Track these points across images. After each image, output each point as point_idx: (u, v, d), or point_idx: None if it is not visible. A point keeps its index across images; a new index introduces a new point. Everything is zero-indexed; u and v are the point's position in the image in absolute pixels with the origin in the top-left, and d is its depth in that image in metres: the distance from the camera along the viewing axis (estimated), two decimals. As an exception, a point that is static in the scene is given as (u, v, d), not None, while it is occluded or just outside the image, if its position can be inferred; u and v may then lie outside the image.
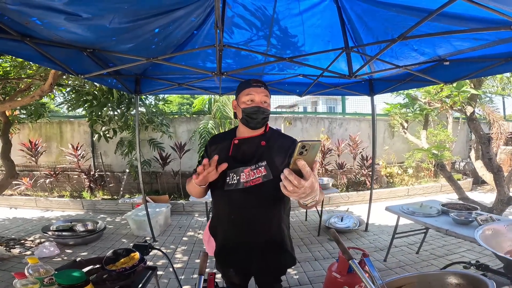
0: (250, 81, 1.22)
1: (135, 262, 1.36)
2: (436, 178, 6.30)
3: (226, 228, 1.27)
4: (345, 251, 1.05)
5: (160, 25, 1.88)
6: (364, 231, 3.76)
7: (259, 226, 1.22)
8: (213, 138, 1.37)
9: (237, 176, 1.19)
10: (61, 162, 5.65)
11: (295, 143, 1.23)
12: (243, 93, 1.21)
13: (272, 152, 1.20)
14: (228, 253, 1.28)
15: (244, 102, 1.20)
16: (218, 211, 1.33)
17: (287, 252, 1.28)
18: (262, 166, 1.17)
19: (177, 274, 1.38)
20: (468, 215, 2.21)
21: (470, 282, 0.80)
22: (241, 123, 1.26)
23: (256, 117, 1.19)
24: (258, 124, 1.21)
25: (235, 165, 1.20)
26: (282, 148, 1.22)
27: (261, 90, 1.20)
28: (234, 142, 1.26)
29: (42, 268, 1.12)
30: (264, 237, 1.23)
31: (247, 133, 1.26)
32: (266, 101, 1.21)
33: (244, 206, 1.20)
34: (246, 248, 1.24)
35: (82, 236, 3.43)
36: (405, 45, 2.27)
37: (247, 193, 1.18)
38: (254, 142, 1.25)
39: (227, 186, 1.20)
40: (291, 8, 2.02)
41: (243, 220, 1.21)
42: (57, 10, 1.31)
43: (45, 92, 2.69)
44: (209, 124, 5.49)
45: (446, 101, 4.12)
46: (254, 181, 1.17)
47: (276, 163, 1.19)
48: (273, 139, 1.26)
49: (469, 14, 1.58)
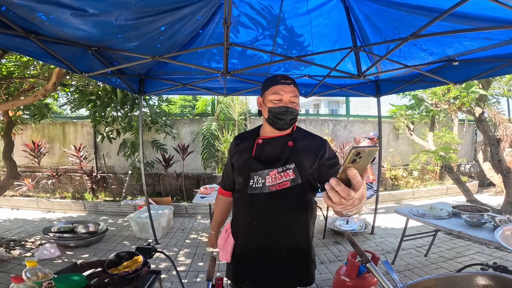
0: (277, 77, 1.12)
1: (139, 265, 1.31)
2: (441, 180, 6.23)
3: (246, 234, 1.17)
4: (361, 254, 1.00)
5: (166, 23, 1.85)
6: (370, 234, 3.70)
7: (284, 233, 1.13)
8: (237, 137, 1.29)
9: (262, 179, 1.10)
10: (63, 163, 5.63)
11: (324, 145, 1.14)
12: (270, 91, 1.11)
13: (300, 154, 1.11)
14: (246, 262, 1.18)
15: (271, 100, 1.10)
16: (238, 215, 1.23)
17: (313, 263, 1.19)
18: (290, 169, 1.09)
19: (180, 277, 1.33)
20: (481, 217, 2.17)
21: (499, 284, 0.75)
22: (266, 122, 1.17)
23: (284, 118, 1.09)
24: (286, 125, 1.12)
25: (259, 166, 1.12)
26: (311, 149, 1.13)
27: (290, 89, 1.10)
28: (258, 142, 1.18)
29: (41, 271, 1.06)
30: (288, 246, 1.14)
31: (272, 133, 1.17)
32: (295, 101, 1.11)
33: (268, 212, 1.11)
34: (268, 258, 1.14)
35: (84, 238, 3.39)
36: (414, 45, 2.24)
37: (272, 198, 1.10)
38: (280, 142, 1.15)
39: (250, 190, 1.12)
40: (297, 7, 2.00)
41: (266, 226, 1.12)
42: (64, 5, 1.28)
43: (49, 91, 2.67)
44: (212, 125, 5.47)
45: (454, 103, 4.07)
46: (281, 185, 1.09)
47: (305, 166, 1.10)
48: (301, 139, 1.16)
49: (480, 13, 1.56)
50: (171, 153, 5.33)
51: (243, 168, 1.17)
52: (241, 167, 1.19)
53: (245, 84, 3.27)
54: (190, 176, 5.57)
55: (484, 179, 6.15)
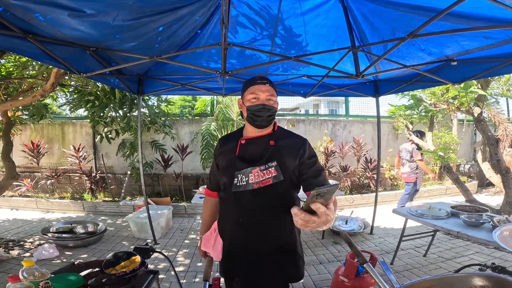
0: (255, 78, 1.19)
1: (136, 265, 1.30)
2: (440, 180, 6.23)
3: (233, 232, 1.21)
4: (358, 254, 1.00)
5: (164, 23, 1.85)
6: (369, 234, 3.70)
7: (270, 230, 1.16)
8: (221, 139, 1.34)
9: (245, 177, 1.14)
10: (62, 164, 5.62)
11: (305, 143, 1.19)
12: (248, 91, 1.18)
13: (282, 152, 1.16)
14: (234, 260, 1.21)
15: (249, 100, 1.16)
16: (225, 213, 1.27)
17: (300, 258, 1.22)
18: (272, 167, 1.13)
19: (179, 278, 1.32)
20: (479, 217, 2.16)
21: (496, 285, 0.75)
22: (247, 122, 1.22)
23: (261, 114, 1.15)
24: (264, 122, 1.17)
25: (242, 165, 1.16)
26: (291, 148, 1.17)
27: (266, 88, 1.16)
28: (241, 142, 1.23)
29: (38, 271, 1.06)
30: (275, 243, 1.17)
31: (254, 133, 1.22)
32: (272, 98, 1.16)
33: (253, 209, 1.15)
34: (255, 255, 1.17)
35: (82, 238, 3.39)
36: (412, 45, 2.24)
37: (256, 195, 1.13)
38: (262, 141, 1.21)
39: (235, 188, 1.16)
40: (296, 7, 1.99)
41: (252, 223, 1.16)
42: (61, 6, 1.28)
43: (47, 91, 2.67)
44: (212, 126, 5.46)
45: (453, 103, 4.07)
46: (264, 182, 1.13)
47: (287, 164, 1.14)
48: (282, 138, 1.21)
49: (478, 13, 1.56)
50: (170, 154, 5.33)
51: (228, 168, 1.21)
52: (226, 167, 1.23)
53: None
54: (189, 176, 5.57)
55: (483, 179, 6.15)
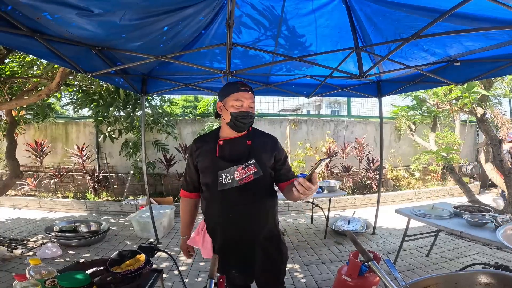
0: (238, 84, 1.26)
1: (141, 264, 1.31)
2: (443, 181, 6.21)
3: (225, 227, 1.30)
4: (363, 252, 1.00)
5: (169, 23, 1.87)
6: (371, 234, 3.70)
7: (258, 221, 1.29)
8: (195, 141, 1.41)
9: (230, 175, 1.24)
10: (66, 163, 5.65)
11: (277, 142, 1.37)
12: (231, 97, 1.25)
13: (258, 150, 1.29)
14: (230, 253, 1.30)
15: (233, 106, 1.24)
16: (213, 212, 1.34)
17: (284, 244, 1.37)
18: (252, 164, 1.26)
19: (182, 276, 1.34)
20: (482, 217, 2.16)
21: (501, 281, 0.76)
22: (226, 125, 1.30)
23: (245, 121, 1.25)
24: (245, 127, 1.29)
25: (225, 164, 1.25)
26: (266, 146, 1.33)
27: (249, 95, 1.26)
28: (219, 143, 1.31)
29: (44, 269, 1.07)
30: (262, 232, 1.30)
31: (231, 134, 1.32)
32: (252, 106, 1.28)
33: (241, 203, 1.26)
34: (247, 246, 1.29)
35: (85, 237, 3.40)
36: (415, 46, 2.24)
37: (242, 191, 1.24)
38: (239, 142, 1.31)
39: (221, 186, 1.25)
40: (299, 8, 2.00)
41: (241, 216, 1.27)
42: (69, 5, 1.30)
43: (52, 91, 2.69)
44: (214, 125, 5.47)
45: (456, 103, 4.06)
46: (247, 179, 1.24)
47: (264, 160, 1.29)
48: (257, 138, 1.34)
49: (481, 14, 1.56)
50: (173, 153, 5.34)
51: (210, 168, 1.29)
52: (207, 168, 1.30)
53: (246, 85, 3.28)
54: (191, 176, 5.57)
55: (486, 180, 6.12)
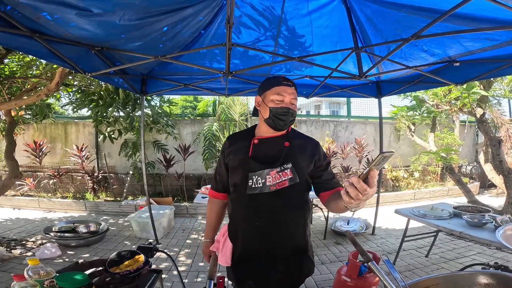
0: (279, 78, 1.15)
1: (140, 264, 1.30)
2: (442, 182, 6.21)
3: (248, 235, 1.18)
4: (363, 253, 1.01)
5: (169, 24, 1.87)
6: (371, 235, 3.70)
7: (286, 232, 1.15)
8: (230, 138, 1.29)
9: (262, 179, 1.12)
10: (65, 163, 5.64)
11: (319, 146, 1.21)
12: (272, 91, 1.13)
13: (296, 154, 1.16)
14: (248, 263, 1.19)
15: (273, 100, 1.12)
16: (238, 216, 1.22)
17: (309, 258, 1.22)
18: (288, 169, 1.12)
19: (181, 277, 1.33)
20: (482, 217, 2.16)
21: (501, 282, 0.76)
22: (263, 122, 1.17)
23: (285, 118, 1.12)
24: (285, 126, 1.15)
25: (257, 166, 1.14)
26: (306, 150, 1.18)
27: (292, 91, 1.13)
28: (254, 141, 1.19)
29: (43, 270, 1.06)
30: (290, 244, 1.16)
31: (268, 133, 1.19)
32: (294, 102, 1.15)
33: (270, 211, 1.13)
34: (269, 256, 1.16)
35: (84, 238, 3.40)
36: (415, 46, 2.24)
37: (273, 197, 1.12)
38: (276, 142, 1.18)
39: (250, 190, 1.13)
40: (299, 8, 2.00)
41: (269, 225, 1.14)
42: (69, 5, 1.29)
43: (52, 91, 2.68)
44: (214, 126, 5.48)
45: (455, 104, 4.07)
46: (280, 184, 1.11)
47: (302, 166, 1.14)
48: (296, 140, 1.20)
49: (481, 14, 1.56)
50: (172, 154, 5.34)
51: (240, 168, 1.17)
52: (237, 168, 1.19)
53: (246, 85, 3.28)
54: (191, 176, 5.58)
55: (486, 180, 6.13)
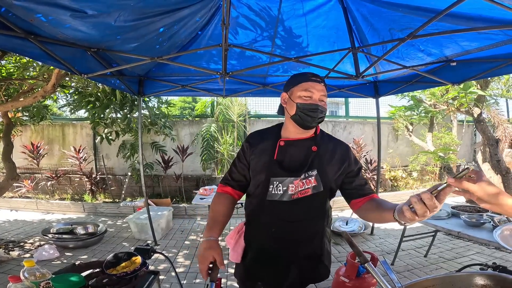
0: (308, 74, 1.09)
1: (137, 266, 1.30)
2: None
3: (264, 240, 1.14)
4: (360, 254, 0.99)
5: (165, 24, 1.86)
6: (369, 235, 3.70)
7: (301, 240, 1.11)
8: (253, 136, 1.20)
9: (283, 186, 1.06)
10: (63, 165, 5.62)
11: (349, 151, 1.13)
12: (299, 87, 1.06)
13: (323, 160, 1.08)
14: (261, 266, 1.14)
15: (301, 96, 1.05)
16: (255, 220, 1.17)
17: (324, 265, 1.16)
18: (312, 176, 1.05)
19: (179, 278, 1.32)
20: (480, 217, 2.17)
21: (498, 283, 0.75)
22: (291, 121, 1.09)
23: (313, 115, 1.04)
24: (314, 123, 1.07)
25: (280, 172, 1.07)
26: (335, 155, 1.10)
27: (321, 88, 1.06)
28: (280, 143, 1.12)
29: (39, 271, 1.06)
30: (305, 252, 1.12)
31: (295, 134, 1.12)
32: (324, 100, 1.07)
33: (288, 220, 1.08)
34: (283, 262, 1.11)
35: (83, 239, 3.39)
36: (412, 46, 2.24)
37: (294, 205, 1.06)
38: (303, 145, 1.11)
39: (270, 196, 1.07)
40: (296, 8, 2.00)
41: (285, 233, 1.10)
42: (63, 7, 1.29)
43: (48, 92, 2.67)
44: (212, 127, 5.48)
45: (453, 103, 4.08)
46: (303, 193, 1.05)
47: (328, 173, 1.07)
48: (325, 143, 1.12)
49: (477, 13, 1.56)
50: (171, 155, 5.33)
51: (262, 172, 1.11)
52: (259, 170, 1.12)
53: (244, 86, 3.28)
54: (189, 177, 5.57)
55: (484, 179, 6.14)
